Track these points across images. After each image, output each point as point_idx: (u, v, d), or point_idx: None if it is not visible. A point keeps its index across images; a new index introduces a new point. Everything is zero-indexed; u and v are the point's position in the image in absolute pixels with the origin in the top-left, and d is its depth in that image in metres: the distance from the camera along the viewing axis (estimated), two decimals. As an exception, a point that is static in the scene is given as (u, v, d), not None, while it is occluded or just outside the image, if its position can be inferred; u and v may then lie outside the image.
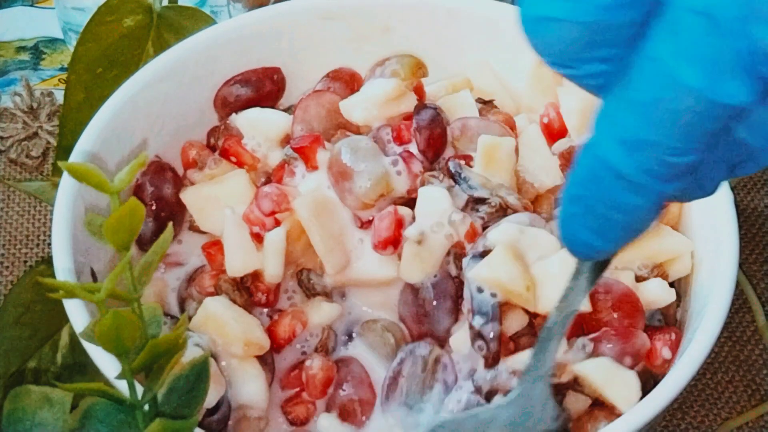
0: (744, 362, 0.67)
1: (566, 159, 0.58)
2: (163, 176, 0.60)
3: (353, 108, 0.60)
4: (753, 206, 0.74)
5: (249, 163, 0.60)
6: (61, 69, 0.81)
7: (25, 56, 0.83)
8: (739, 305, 0.69)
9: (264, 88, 0.63)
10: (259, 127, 0.61)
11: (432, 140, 0.58)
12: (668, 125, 0.32)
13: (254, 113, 0.61)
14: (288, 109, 0.64)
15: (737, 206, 0.56)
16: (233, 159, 0.60)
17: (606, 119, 0.34)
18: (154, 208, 0.59)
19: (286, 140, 0.60)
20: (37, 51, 0.83)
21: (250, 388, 0.53)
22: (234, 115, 0.62)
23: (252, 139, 0.60)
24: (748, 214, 0.74)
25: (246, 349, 0.53)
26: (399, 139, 0.58)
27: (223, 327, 0.53)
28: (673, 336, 0.53)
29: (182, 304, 0.57)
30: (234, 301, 0.55)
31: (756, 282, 0.70)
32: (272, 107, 0.64)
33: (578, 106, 0.60)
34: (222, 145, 0.61)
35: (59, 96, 0.76)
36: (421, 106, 0.59)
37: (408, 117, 0.59)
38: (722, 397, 0.65)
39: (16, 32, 0.85)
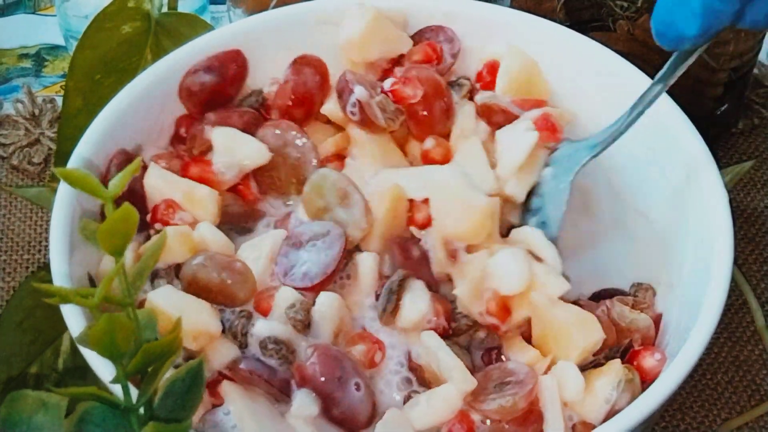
0: (743, 363, 0.67)
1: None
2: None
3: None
4: (753, 207, 0.74)
5: (216, 184, 0.60)
6: (63, 76, 0.82)
7: (27, 63, 0.83)
8: (738, 306, 0.69)
9: (228, 72, 0.63)
10: (236, 156, 0.60)
11: None
12: None
13: (233, 136, 0.60)
14: (253, 93, 0.64)
15: (737, 207, 0.56)
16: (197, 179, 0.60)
17: None
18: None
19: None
20: (39, 58, 0.84)
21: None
22: (212, 128, 0.61)
23: (223, 157, 0.60)
24: (748, 214, 0.74)
25: (196, 343, 0.52)
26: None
27: (171, 320, 0.52)
28: (658, 356, 0.54)
29: (153, 281, 0.56)
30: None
31: (755, 283, 0.70)
32: (238, 90, 0.64)
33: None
34: (190, 163, 0.61)
35: (61, 102, 0.77)
36: None
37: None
38: (722, 398, 0.65)
39: (19, 39, 0.85)
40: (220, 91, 0.63)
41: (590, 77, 0.62)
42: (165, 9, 0.71)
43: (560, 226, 0.58)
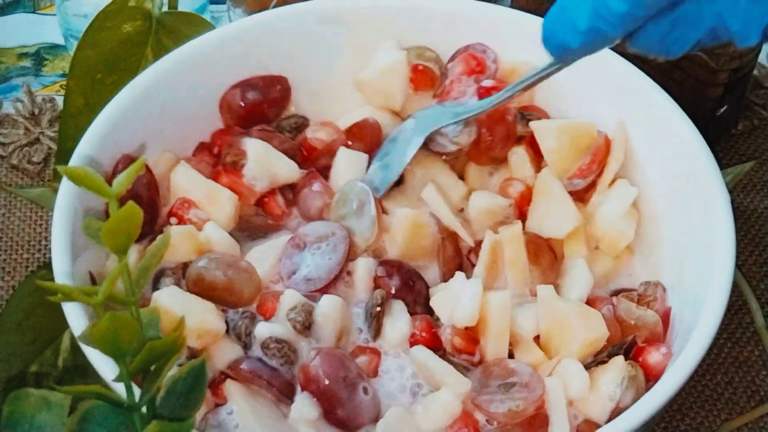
0: (743, 363, 0.67)
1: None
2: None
3: None
4: (752, 208, 0.74)
5: (244, 196, 0.61)
6: (63, 75, 0.82)
7: (26, 62, 0.83)
8: (738, 306, 0.69)
9: (270, 93, 0.64)
10: (269, 169, 0.61)
11: None
12: None
13: (268, 152, 0.61)
14: (293, 117, 0.65)
15: (737, 208, 0.56)
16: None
17: None
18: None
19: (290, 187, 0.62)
20: (38, 57, 0.84)
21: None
22: (248, 139, 0.61)
23: (255, 168, 0.60)
24: (748, 215, 0.74)
25: (200, 341, 0.53)
26: None
27: (175, 320, 0.52)
28: (664, 350, 0.54)
29: (156, 282, 0.57)
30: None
31: (755, 283, 0.70)
32: (278, 115, 0.65)
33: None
34: (221, 172, 0.61)
35: (61, 102, 0.77)
36: None
37: None
38: (722, 398, 0.65)
39: (18, 39, 0.85)
40: (259, 111, 0.64)
41: (590, 77, 0.62)
42: (165, 8, 0.71)
43: (399, 173, 0.60)
